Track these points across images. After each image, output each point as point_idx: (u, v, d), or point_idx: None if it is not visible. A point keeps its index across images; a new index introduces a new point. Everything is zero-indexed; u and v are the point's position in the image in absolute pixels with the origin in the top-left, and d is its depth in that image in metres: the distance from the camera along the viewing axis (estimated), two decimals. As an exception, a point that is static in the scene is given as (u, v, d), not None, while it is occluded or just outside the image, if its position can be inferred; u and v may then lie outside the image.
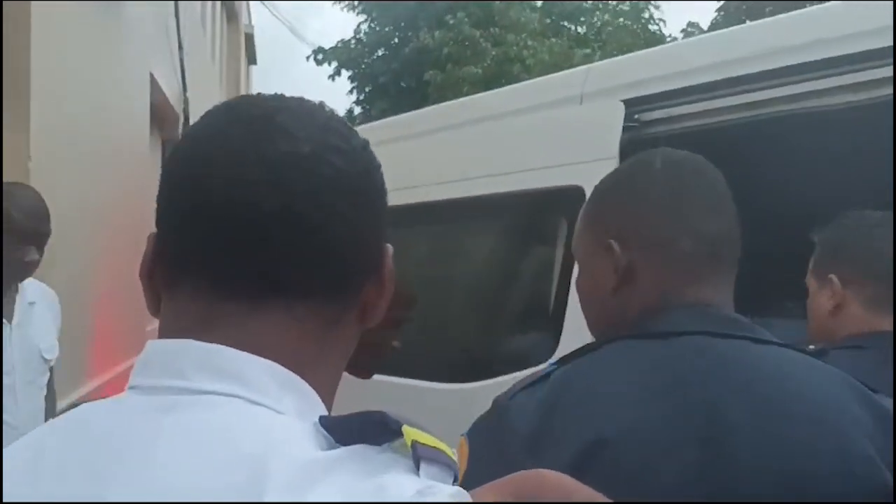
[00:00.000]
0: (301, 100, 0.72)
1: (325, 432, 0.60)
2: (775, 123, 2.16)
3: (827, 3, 2.32)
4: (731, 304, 1.06)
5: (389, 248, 0.73)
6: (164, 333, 0.67)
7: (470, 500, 0.56)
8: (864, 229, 1.66)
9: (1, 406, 2.39)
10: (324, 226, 0.66)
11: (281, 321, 0.66)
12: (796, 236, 3.01)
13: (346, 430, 0.59)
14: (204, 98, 10.42)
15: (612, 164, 2.26)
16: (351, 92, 15.82)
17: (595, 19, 15.53)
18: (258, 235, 0.65)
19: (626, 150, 2.25)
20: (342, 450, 0.58)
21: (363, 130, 4.38)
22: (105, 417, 0.65)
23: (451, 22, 13.37)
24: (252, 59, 19.69)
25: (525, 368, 2.47)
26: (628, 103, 2.31)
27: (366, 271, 0.70)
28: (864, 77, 1.93)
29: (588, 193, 2.35)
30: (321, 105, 0.73)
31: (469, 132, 2.88)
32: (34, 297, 2.65)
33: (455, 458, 0.60)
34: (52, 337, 2.71)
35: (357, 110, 16.33)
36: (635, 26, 14.62)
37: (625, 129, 2.29)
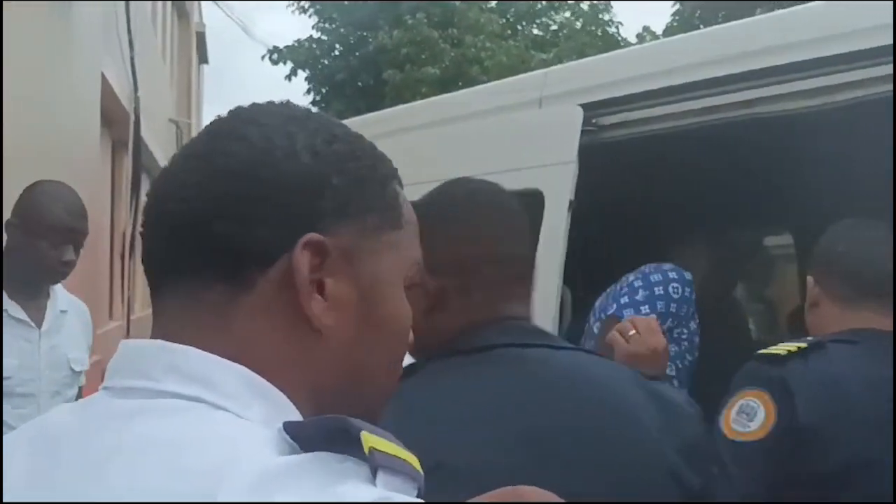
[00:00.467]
0: (259, 104, 0.73)
1: (289, 438, 0.59)
2: (731, 127, 2.19)
3: (783, 11, 2.36)
4: (532, 317, 1.20)
5: (312, 237, 0.66)
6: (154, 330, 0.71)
7: None
8: (837, 234, 1.76)
9: (0, 409, 2.28)
10: (209, 214, 0.65)
11: (191, 307, 0.67)
12: (750, 238, 3.07)
13: (309, 437, 0.58)
14: (155, 97, 10.27)
15: (570, 168, 2.28)
16: (308, 92, 15.74)
17: (550, 21, 15.64)
18: (162, 228, 0.68)
19: (584, 154, 2.27)
20: (302, 457, 0.57)
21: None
22: (73, 424, 0.66)
23: (410, 22, 13.33)
24: (204, 59, 19.44)
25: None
26: (586, 107, 2.32)
27: (261, 258, 0.66)
28: (822, 83, 1.96)
29: (547, 197, 2.35)
30: (283, 103, 0.73)
31: (429, 134, 2.87)
32: (65, 305, 2.53)
33: (421, 469, 0.58)
34: (82, 348, 2.58)
35: (314, 111, 16.24)
36: (593, 27, 14.74)
37: (583, 133, 2.29)
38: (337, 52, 15.27)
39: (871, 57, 1.85)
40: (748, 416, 1.54)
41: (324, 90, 15.53)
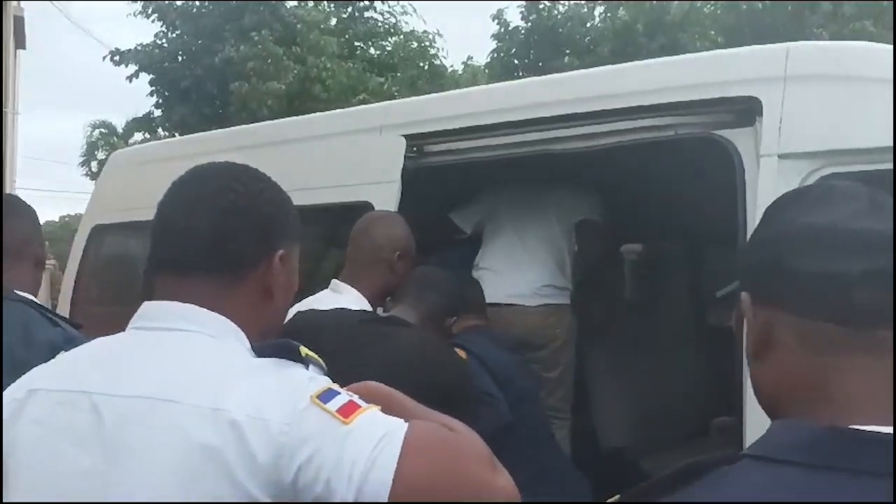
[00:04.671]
0: (226, 163, 1.28)
1: (253, 353, 1.14)
2: (516, 162, 2.88)
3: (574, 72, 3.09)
4: None
5: (281, 251, 1.24)
6: (154, 298, 1.20)
7: (332, 384, 1.10)
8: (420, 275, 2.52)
9: None
10: (221, 233, 1.20)
11: (203, 288, 1.18)
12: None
13: (266, 351, 1.13)
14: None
15: (395, 186, 2.91)
16: (151, 94, 15.46)
17: (386, 43, 16.31)
18: (185, 241, 1.20)
19: (405, 176, 2.92)
20: (267, 360, 1.11)
21: (183, 142, 4.67)
22: (122, 342, 1.18)
23: (256, 38, 13.68)
24: (21, 44, 18.25)
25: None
26: (409, 138, 2.95)
27: (252, 261, 1.21)
28: (588, 130, 2.65)
29: (376, 208, 2.94)
30: (245, 167, 1.29)
31: (282, 150, 3.38)
32: None
33: (324, 364, 1.16)
34: None
35: (157, 113, 15.98)
36: (420, 62, 15.64)
37: (405, 158, 2.93)
38: (180, 59, 15.13)
39: (625, 114, 2.55)
40: None
41: (166, 93, 15.33)
